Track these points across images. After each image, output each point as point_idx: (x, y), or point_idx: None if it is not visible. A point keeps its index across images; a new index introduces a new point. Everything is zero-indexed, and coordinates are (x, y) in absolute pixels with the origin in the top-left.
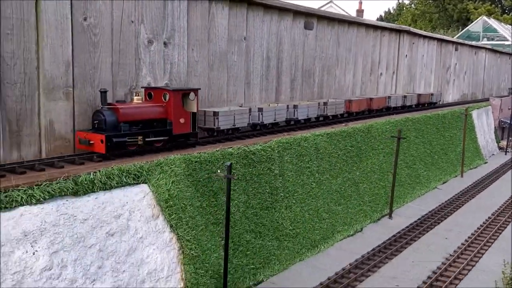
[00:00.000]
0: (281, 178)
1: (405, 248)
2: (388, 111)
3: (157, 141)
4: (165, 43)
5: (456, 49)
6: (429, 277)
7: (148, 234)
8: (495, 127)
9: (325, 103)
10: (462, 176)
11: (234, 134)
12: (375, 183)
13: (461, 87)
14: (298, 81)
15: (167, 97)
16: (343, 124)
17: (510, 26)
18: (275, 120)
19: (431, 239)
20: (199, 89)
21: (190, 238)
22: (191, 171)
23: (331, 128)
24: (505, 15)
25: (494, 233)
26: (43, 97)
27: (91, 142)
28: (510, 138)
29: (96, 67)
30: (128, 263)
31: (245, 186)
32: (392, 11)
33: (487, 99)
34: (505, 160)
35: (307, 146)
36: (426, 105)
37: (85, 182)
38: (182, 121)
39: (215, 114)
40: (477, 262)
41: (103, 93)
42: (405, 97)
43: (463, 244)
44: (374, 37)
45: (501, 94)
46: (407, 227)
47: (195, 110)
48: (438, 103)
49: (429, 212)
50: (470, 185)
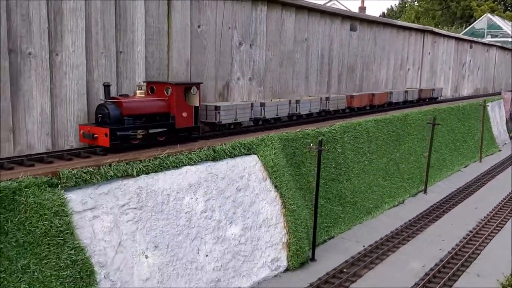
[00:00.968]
0: (342, 155)
1: (443, 215)
2: (390, 106)
3: (160, 134)
4: (250, 45)
5: (471, 47)
6: (467, 234)
7: (261, 192)
8: (506, 119)
9: (327, 98)
10: (480, 161)
11: (236, 128)
12: (411, 164)
13: (474, 82)
14: (343, 75)
15: (170, 91)
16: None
17: None
18: (277, 115)
19: (463, 209)
20: (201, 83)
21: (289, 196)
22: (283, 146)
23: (376, 115)
24: (507, 12)
25: None
26: None
27: (95, 135)
28: None
29: (204, 65)
30: (250, 212)
31: (313, 161)
32: (394, 8)
33: (498, 93)
34: None
35: (360, 130)
36: (427, 100)
37: (220, 151)
38: (184, 115)
39: (216, 108)
40: (504, 225)
41: (107, 87)
42: (406, 92)
43: (490, 212)
44: (403, 36)
45: (510, 89)
46: (440, 200)
47: (197, 104)
48: (439, 98)
49: (457, 189)
50: (489, 169)
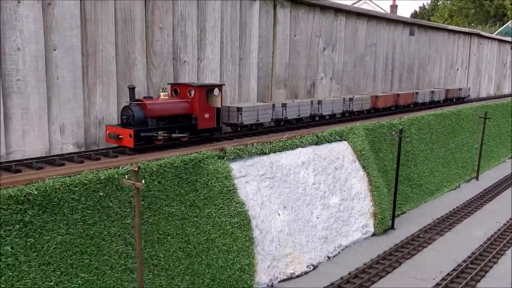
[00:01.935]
0: (410, 144)
1: (495, 197)
2: (416, 106)
3: (183, 135)
4: (332, 50)
5: None
6: None
7: (352, 171)
8: None
9: (350, 99)
10: None
11: (258, 129)
12: (464, 154)
13: None
14: (404, 75)
15: (192, 93)
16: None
17: None
18: (299, 116)
19: None
20: (223, 84)
21: (374, 175)
22: (366, 135)
23: (435, 110)
24: None
25: None
26: (274, 87)
27: (120, 136)
28: None
29: (298, 67)
30: (345, 186)
31: (391, 148)
32: (426, 7)
33: None
34: None
35: (423, 122)
36: (454, 100)
37: (321, 137)
38: (206, 116)
39: (238, 109)
40: None
41: (132, 89)
42: (433, 92)
43: None
44: (453, 39)
45: None
46: (491, 185)
47: (219, 105)
48: (466, 97)
49: (505, 176)
50: None
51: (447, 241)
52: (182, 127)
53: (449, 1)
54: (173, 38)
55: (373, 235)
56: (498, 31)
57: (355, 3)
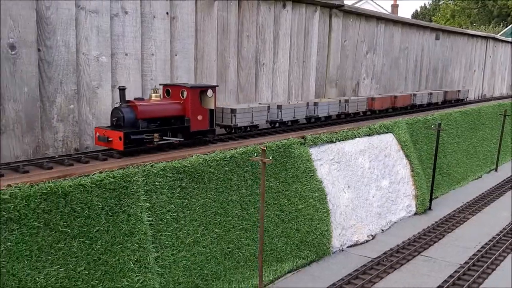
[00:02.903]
0: (440, 137)
1: None
2: (413, 108)
3: (175, 140)
4: (373, 53)
5: None
6: None
7: (398, 159)
8: None
9: (346, 101)
10: None
11: (252, 131)
12: (484, 148)
13: None
14: (429, 76)
15: (185, 94)
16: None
17: None
18: (294, 118)
19: None
20: (217, 86)
21: (415, 163)
22: (407, 128)
23: (460, 108)
24: None
25: None
26: (327, 86)
27: (110, 139)
28: None
29: (346, 69)
30: (393, 172)
31: (426, 140)
32: (428, 6)
33: None
34: None
35: (451, 118)
36: (453, 101)
37: (373, 129)
38: (199, 118)
39: (232, 111)
40: None
41: (122, 90)
42: (431, 94)
43: None
44: (472, 43)
45: None
46: (510, 176)
47: (212, 107)
48: (465, 99)
49: None
50: None
51: (479, 220)
52: (174, 129)
53: (451, 1)
54: (256, 44)
55: (415, 214)
56: (502, 32)
57: (356, 2)
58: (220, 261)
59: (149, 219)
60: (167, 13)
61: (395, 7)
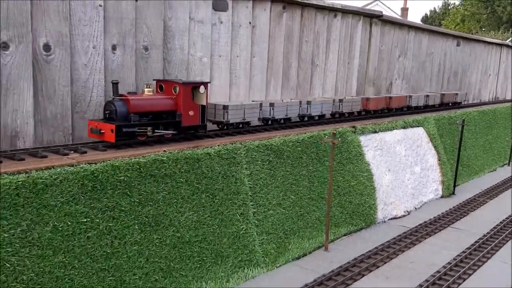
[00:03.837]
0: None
1: None
2: (409, 110)
3: (167, 132)
4: (404, 57)
5: None
6: None
7: (427, 149)
8: None
9: (340, 100)
10: None
11: (244, 127)
12: (498, 144)
13: None
14: (450, 78)
15: (177, 89)
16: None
17: None
18: (286, 116)
19: None
20: (209, 82)
21: (441, 153)
22: (435, 123)
23: (478, 108)
24: None
25: None
26: (366, 85)
27: (102, 131)
28: None
29: (382, 70)
30: (423, 160)
31: (449, 135)
32: (437, 10)
33: None
34: None
35: (470, 117)
36: (450, 104)
37: (407, 122)
38: (191, 113)
39: (224, 107)
40: None
41: (115, 84)
42: (427, 96)
43: None
44: (488, 49)
45: None
46: None
47: (204, 103)
48: (462, 102)
49: None
50: None
51: (496, 203)
52: (166, 123)
53: (461, 6)
54: (312, 48)
55: (441, 197)
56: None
57: (368, 4)
58: (295, 221)
59: (249, 183)
60: (249, 22)
61: (405, 10)
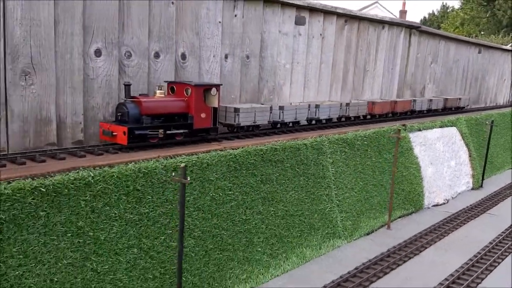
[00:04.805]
0: (485, 132)
1: None
2: (413, 114)
3: (178, 134)
4: (435, 63)
5: None
6: None
7: (460, 146)
8: None
9: (347, 104)
10: None
11: (254, 131)
12: None
13: None
14: (472, 83)
15: (189, 92)
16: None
17: None
18: (296, 119)
19: None
20: (221, 84)
21: (472, 150)
22: (466, 123)
23: (499, 110)
24: None
25: None
26: (404, 88)
27: (114, 133)
28: None
29: (417, 76)
30: (457, 155)
31: (476, 134)
32: (436, 13)
33: None
34: None
35: (493, 119)
36: (453, 109)
37: (444, 122)
38: (203, 115)
39: (236, 110)
40: None
41: (127, 86)
42: (431, 101)
43: None
44: (504, 56)
45: None
46: None
47: (216, 105)
48: (465, 107)
49: None
50: None
51: None
52: (178, 126)
53: (461, 9)
54: (365, 56)
55: (472, 189)
56: None
57: (367, 6)
58: (363, 203)
59: (332, 169)
60: (320, 34)
61: (403, 13)
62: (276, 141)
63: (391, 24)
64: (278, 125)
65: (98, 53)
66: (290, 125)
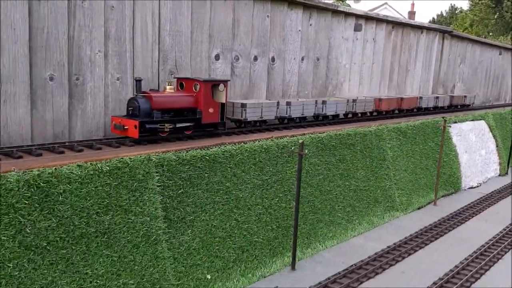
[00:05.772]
0: (507, 126)
1: None
2: (419, 111)
3: (187, 128)
4: (464, 64)
5: None
6: None
7: (488, 138)
8: None
9: (354, 100)
10: None
11: (261, 126)
12: None
13: None
14: (494, 82)
15: (198, 87)
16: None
17: None
18: (302, 115)
19: None
20: (229, 80)
21: (499, 141)
22: (493, 118)
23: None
24: None
25: None
26: (438, 85)
27: (126, 127)
28: None
29: (449, 75)
30: (487, 145)
31: (500, 127)
32: (444, 14)
33: None
34: None
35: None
36: (459, 106)
37: (475, 116)
38: (211, 110)
39: (243, 105)
40: None
41: (138, 81)
42: (437, 98)
43: None
44: None
45: None
46: None
47: (223, 100)
48: (471, 105)
49: None
50: None
51: None
52: (187, 120)
53: (470, 11)
54: (406, 57)
55: (499, 175)
56: None
57: (376, 8)
58: (414, 183)
59: (390, 153)
60: (373, 39)
61: (412, 14)
62: (349, 128)
63: (428, 29)
64: (285, 121)
65: (217, 57)
66: (297, 120)
